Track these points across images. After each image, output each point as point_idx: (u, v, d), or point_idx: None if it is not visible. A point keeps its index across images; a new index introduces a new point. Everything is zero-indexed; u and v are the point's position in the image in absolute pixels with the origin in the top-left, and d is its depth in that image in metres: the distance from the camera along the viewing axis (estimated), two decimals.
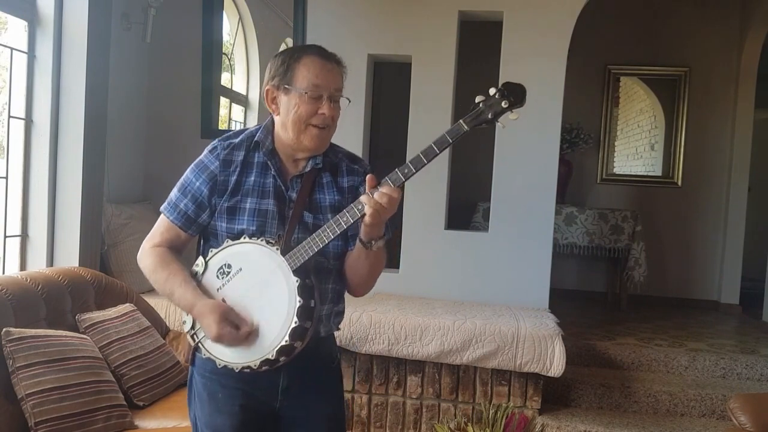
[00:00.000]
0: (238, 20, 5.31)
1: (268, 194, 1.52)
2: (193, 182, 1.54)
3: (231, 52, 5.24)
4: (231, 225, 1.51)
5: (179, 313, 3.32)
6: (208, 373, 1.56)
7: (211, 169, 1.53)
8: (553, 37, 3.71)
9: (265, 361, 1.44)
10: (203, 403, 1.57)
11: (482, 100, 1.43)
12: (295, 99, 1.48)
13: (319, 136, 1.51)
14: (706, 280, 5.35)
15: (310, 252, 1.44)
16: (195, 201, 1.54)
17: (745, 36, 5.15)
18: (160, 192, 4.08)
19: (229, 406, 1.54)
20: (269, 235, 1.50)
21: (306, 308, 1.42)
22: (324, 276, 1.55)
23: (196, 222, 1.55)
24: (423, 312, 3.32)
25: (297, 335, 1.42)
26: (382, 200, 1.38)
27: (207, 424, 1.57)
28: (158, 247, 1.56)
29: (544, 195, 3.73)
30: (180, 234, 1.56)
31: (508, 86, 1.43)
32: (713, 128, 5.32)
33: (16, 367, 2.09)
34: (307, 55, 1.51)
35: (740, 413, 2.24)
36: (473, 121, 1.43)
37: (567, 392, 3.39)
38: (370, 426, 3.22)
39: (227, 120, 5.24)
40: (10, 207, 3.03)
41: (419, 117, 3.83)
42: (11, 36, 3.00)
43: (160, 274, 1.52)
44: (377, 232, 1.46)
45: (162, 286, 1.52)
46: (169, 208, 1.57)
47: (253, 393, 1.54)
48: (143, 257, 1.57)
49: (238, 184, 1.52)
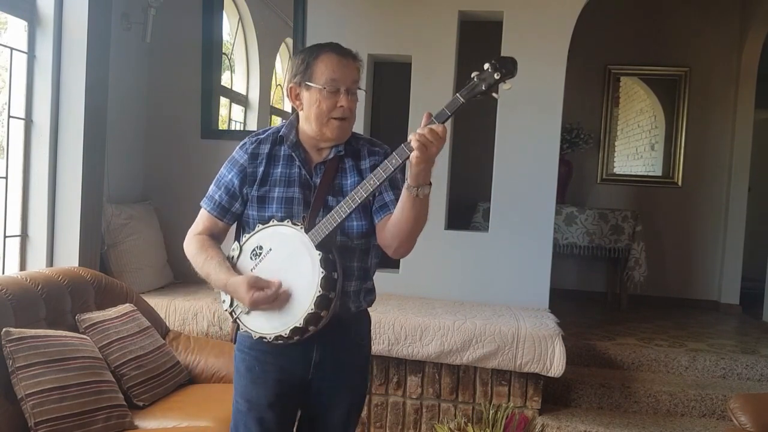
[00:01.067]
0: (238, 20, 5.31)
1: (294, 183, 1.66)
2: (226, 175, 1.71)
3: (231, 52, 5.24)
4: (261, 213, 1.66)
5: (179, 313, 3.34)
6: (246, 348, 1.70)
7: (241, 162, 1.70)
8: (553, 37, 3.71)
9: (294, 330, 1.55)
10: (240, 376, 1.72)
11: (476, 75, 1.51)
12: (315, 95, 1.62)
13: (340, 127, 1.64)
14: (706, 280, 5.34)
15: (330, 226, 1.55)
16: (228, 192, 1.70)
17: (746, 36, 5.15)
18: (160, 192, 4.12)
19: (264, 378, 1.68)
20: (296, 219, 1.62)
21: (329, 279, 1.53)
22: (348, 255, 1.66)
23: (230, 211, 1.71)
24: (423, 312, 3.32)
25: (322, 304, 1.53)
26: (428, 133, 1.45)
27: (242, 395, 1.71)
28: (199, 234, 1.72)
29: (544, 195, 3.73)
30: (217, 223, 1.73)
31: (499, 59, 1.50)
32: (713, 128, 5.32)
33: (16, 367, 2.09)
34: (324, 53, 1.63)
35: (740, 413, 2.24)
36: (469, 94, 1.50)
37: (567, 392, 3.39)
38: (370, 426, 3.22)
39: (227, 120, 5.25)
40: (10, 207, 3.02)
41: (419, 117, 3.80)
42: (11, 36, 3.00)
43: (200, 258, 1.66)
44: (424, 177, 1.50)
45: (201, 269, 1.66)
46: (207, 200, 1.74)
47: (287, 366, 1.67)
48: (187, 245, 1.72)
49: (266, 174, 1.67)
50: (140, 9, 3.72)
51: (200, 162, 3.81)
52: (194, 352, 2.89)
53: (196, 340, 2.97)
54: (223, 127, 4.88)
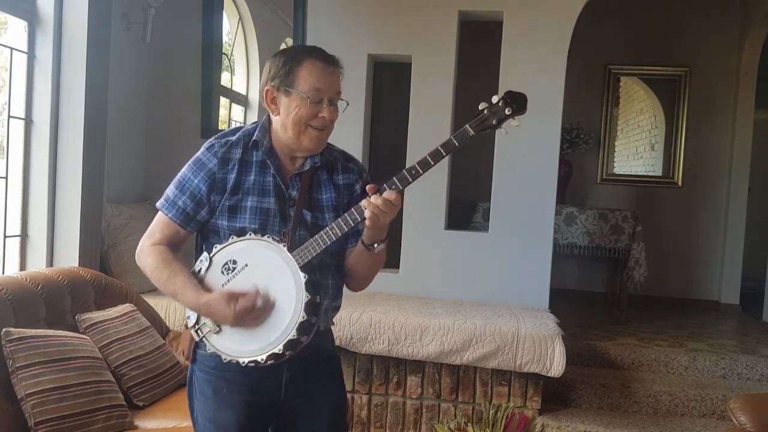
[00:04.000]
0: (238, 20, 5.31)
1: (268, 193, 1.55)
2: (191, 180, 1.55)
3: (231, 52, 5.24)
4: (233, 223, 1.54)
5: (179, 313, 3.33)
6: (211, 369, 1.57)
7: (210, 167, 1.55)
8: (553, 37, 3.71)
9: (271, 356, 1.47)
10: (207, 399, 1.59)
11: (486, 107, 1.48)
12: (296, 101, 1.51)
13: (318, 137, 1.54)
14: (706, 280, 5.35)
15: (317, 249, 1.48)
16: (193, 198, 1.55)
17: (746, 36, 5.15)
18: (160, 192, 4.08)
19: (234, 401, 1.56)
20: (271, 232, 1.52)
21: (313, 303, 1.46)
22: (324, 272, 1.59)
23: (194, 219, 1.57)
24: (423, 312, 3.32)
25: (304, 330, 1.46)
26: (381, 204, 1.43)
27: (211, 419, 1.58)
28: (158, 245, 1.57)
29: (544, 195, 3.73)
30: (179, 231, 1.57)
31: (510, 95, 1.48)
32: (713, 128, 5.32)
33: (16, 367, 2.09)
34: (309, 59, 1.52)
35: (740, 413, 2.24)
36: (478, 126, 1.47)
37: (567, 392, 3.38)
38: (370, 426, 3.22)
39: (227, 120, 5.25)
40: (10, 207, 3.02)
41: (419, 117, 3.83)
42: (11, 36, 2.99)
43: (161, 273, 1.53)
44: (379, 236, 1.51)
45: (164, 286, 1.53)
46: (167, 206, 1.57)
47: (256, 387, 1.57)
48: (143, 255, 1.57)
49: (238, 182, 1.54)
50: (140, 9, 3.71)
51: None
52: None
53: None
54: (222, 127, 4.88)
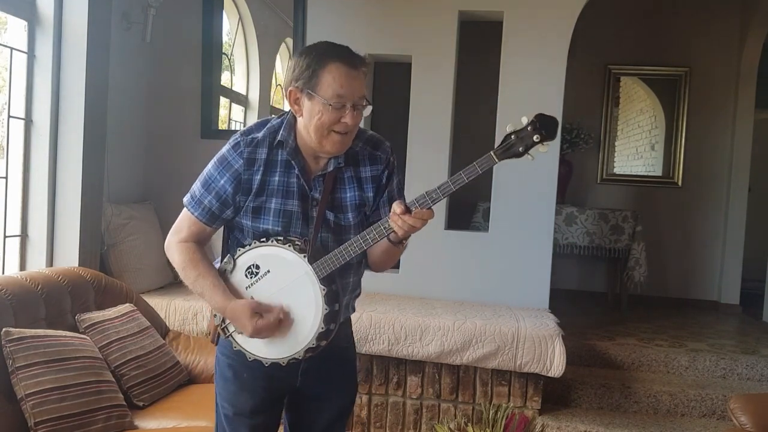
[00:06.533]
0: (238, 20, 5.31)
1: (292, 194, 1.57)
2: (217, 179, 1.58)
3: (231, 52, 5.24)
4: (256, 224, 1.57)
5: (179, 313, 3.33)
6: (233, 354, 1.63)
7: (236, 168, 1.56)
8: (553, 37, 3.71)
9: (292, 359, 1.56)
10: (227, 381, 1.66)
11: (513, 132, 1.43)
12: (318, 106, 1.49)
13: (341, 142, 1.53)
14: (706, 280, 5.34)
15: (337, 264, 1.51)
16: (219, 198, 1.58)
17: (746, 36, 5.15)
18: (160, 192, 4.11)
19: (253, 386, 1.64)
20: (294, 233, 1.56)
21: (332, 313, 1.53)
22: (346, 271, 1.61)
23: (220, 218, 1.61)
24: (423, 312, 3.32)
25: (323, 336, 1.54)
26: (414, 223, 1.44)
27: (228, 400, 1.66)
28: (185, 242, 1.62)
29: (544, 195, 3.73)
30: (205, 228, 1.62)
31: (541, 119, 1.41)
32: (713, 128, 5.32)
33: (16, 367, 2.09)
34: (333, 62, 1.48)
35: (740, 413, 2.24)
36: (504, 154, 1.43)
37: (567, 392, 3.39)
38: (370, 426, 3.22)
39: (227, 120, 5.25)
40: (10, 207, 3.02)
41: (419, 117, 3.82)
42: (11, 36, 2.99)
43: (190, 273, 1.59)
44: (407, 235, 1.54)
45: (192, 285, 1.59)
46: (194, 204, 1.61)
47: (275, 374, 1.62)
48: (171, 251, 1.64)
49: (262, 183, 1.56)
50: (140, 9, 3.71)
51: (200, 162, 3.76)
52: (194, 352, 2.89)
53: (195, 340, 2.97)
54: (223, 127, 4.88)
